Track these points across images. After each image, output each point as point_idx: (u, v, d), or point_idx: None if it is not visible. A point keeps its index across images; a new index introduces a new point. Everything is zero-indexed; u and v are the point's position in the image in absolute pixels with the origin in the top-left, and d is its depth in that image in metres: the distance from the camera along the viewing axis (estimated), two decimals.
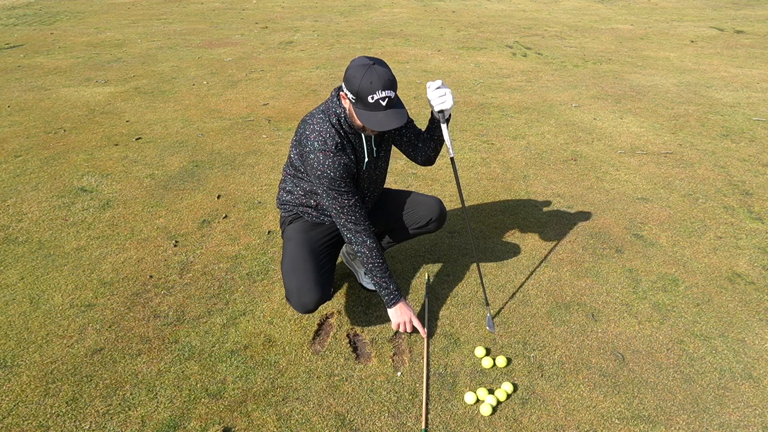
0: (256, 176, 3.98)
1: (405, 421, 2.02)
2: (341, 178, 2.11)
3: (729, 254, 3.08)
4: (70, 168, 4.07)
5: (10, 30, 9.87)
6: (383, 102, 1.92)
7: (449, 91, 2.11)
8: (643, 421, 2.03)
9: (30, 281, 2.78)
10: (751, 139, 4.73)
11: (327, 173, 2.09)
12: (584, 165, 4.21)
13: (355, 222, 2.19)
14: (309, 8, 12.60)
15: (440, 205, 2.49)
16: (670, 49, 8.43)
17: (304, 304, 2.18)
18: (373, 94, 1.90)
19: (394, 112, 1.96)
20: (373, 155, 2.27)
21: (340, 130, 2.12)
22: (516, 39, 9.17)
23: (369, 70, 1.90)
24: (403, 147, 2.39)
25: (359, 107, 1.96)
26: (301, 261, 2.26)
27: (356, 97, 1.94)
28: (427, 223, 2.49)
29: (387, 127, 1.94)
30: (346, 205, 2.16)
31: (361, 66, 1.92)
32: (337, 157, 2.09)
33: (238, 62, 7.44)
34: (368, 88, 1.90)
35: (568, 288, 2.77)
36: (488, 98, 5.88)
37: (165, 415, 2.02)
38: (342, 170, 2.10)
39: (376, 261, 2.21)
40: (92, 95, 5.91)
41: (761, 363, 2.31)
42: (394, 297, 2.24)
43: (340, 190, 2.13)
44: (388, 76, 1.93)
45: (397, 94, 2.00)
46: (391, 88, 1.93)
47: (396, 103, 1.98)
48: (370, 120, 1.95)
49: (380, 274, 2.22)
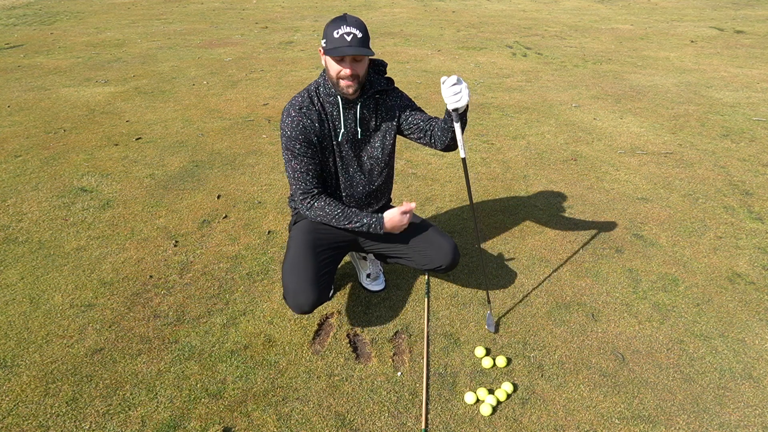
0: (256, 176, 3.98)
1: (405, 421, 2.02)
2: (296, 138, 2.12)
3: (729, 254, 3.08)
4: (70, 168, 4.07)
5: (10, 30, 9.86)
6: (348, 37, 1.95)
7: (465, 86, 2.03)
8: (643, 421, 2.03)
9: (30, 281, 2.78)
10: (751, 139, 4.73)
11: (285, 131, 2.13)
12: (584, 165, 4.21)
13: (304, 190, 2.19)
14: (309, 8, 12.60)
15: (453, 252, 2.34)
16: (670, 49, 8.43)
17: (299, 304, 2.16)
18: (339, 29, 1.96)
19: (358, 47, 1.97)
20: (357, 136, 2.24)
21: (315, 96, 2.16)
22: (516, 39, 9.17)
23: (339, 17, 2.01)
24: (414, 134, 2.31)
25: (327, 47, 1.99)
26: (301, 261, 2.23)
27: (325, 39, 1.99)
28: (436, 268, 2.36)
29: (348, 53, 1.95)
30: (297, 170, 2.16)
31: (335, 17, 2.02)
32: (297, 117, 2.12)
33: (238, 62, 7.44)
34: (334, 25, 1.98)
35: (568, 288, 2.77)
36: (488, 98, 5.88)
37: (165, 415, 2.02)
38: (299, 131, 2.11)
39: (335, 211, 2.20)
40: (92, 95, 5.91)
41: (761, 363, 2.31)
42: (376, 219, 2.21)
43: (294, 152, 2.14)
44: (356, 19, 2.00)
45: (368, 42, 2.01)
46: (356, 27, 1.97)
47: (363, 44, 1.99)
48: (333, 51, 1.97)
49: (350, 222, 2.21)
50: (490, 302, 2.55)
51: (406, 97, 2.32)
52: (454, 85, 2.01)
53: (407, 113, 2.29)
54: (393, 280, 2.80)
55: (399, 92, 2.30)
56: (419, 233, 2.39)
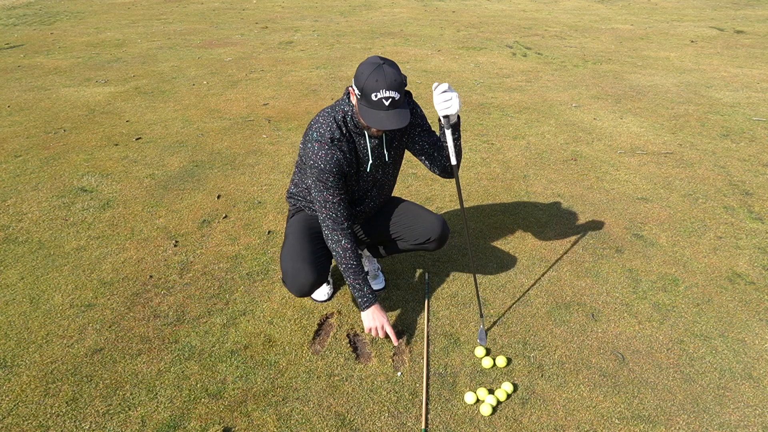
0: (256, 176, 3.98)
1: (405, 421, 2.02)
2: (330, 171, 2.10)
3: (729, 254, 3.08)
4: (70, 168, 4.07)
5: (10, 30, 9.86)
6: (386, 102, 1.91)
7: (456, 95, 2.05)
8: (643, 421, 2.03)
9: (30, 281, 2.78)
10: (751, 139, 4.73)
11: (318, 164, 2.09)
12: (584, 165, 4.21)
13: (334, 220, 2.18)
14: (309, 8, 12.60)
15: (442, 225, 2.41)
16: (670, 49, 8.43)
17: (299, 285, 2.20)
18: (377, 92, 1.89)
19: (396, 113, 1.94)
20: (384, 159, 2.25)
21: (342, 126, 2.11)
22: (516, 39, 9.17)
23: (377, 69, 1.90)
24: (417, 153, 2.35)
25: (363, 104, 1.95)
26: (299, 245, 2.29)
27: (361, 93, 1.93)
28: (425, 241, 2.43)
29: (386, 126, 1.92)
30: (329, 201, 2.15)
31: (371, 64, 1.92)
32: (331, 150, 2.09)
33: (238, 62, 7.44)
34: (373, 85, 1.89)
35: (568, 288, 2.77)
36: (488, 98, 5.88)
37: (165, 415, 2.02)
38: (332, 164, 2.09)
39: (350, 263, 2.20)
40: (92, 95, 5.91)
41: (761, 363, 2.31)
42: (367, 300, 2.22)
43: (327, 184, 2.12)
44: (395, 77, 1.91)
45: (406, 95, 1.98)
46: (396, 90, 1.91)
47: (400, 105, 1.95)
48: (370, 117, 1.94)
49: (353, 276, 2.21)
50: (482, 316, 2.49)
51: (420, 114, 2.29)
52: (444, 92, 2.04)
53: (417, 131, 2.29)
54: (393, 280, 2.80)
55: (414, 108, 2.27)
56: (408, 211, 2.48)
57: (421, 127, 2.29)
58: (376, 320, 2.22)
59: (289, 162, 4.21)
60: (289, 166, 4.14)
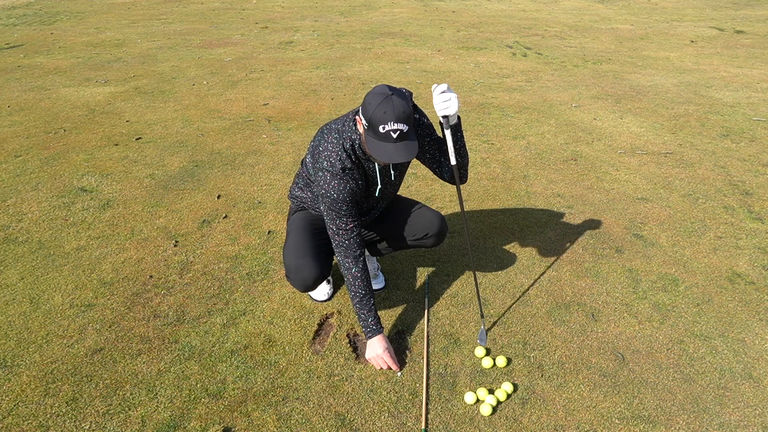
0: (256, 176, 3.98)
1: (405, 421, 2.02)
2: (343, 201, 2.09)
3: (729, 254, 3.08)
4: (70, 168, 4.07)
5: (10, 30, 9.86)
6: (394, 134, 1.88)
7: (455, 96, 2.05)
8: (643, 421, 2.03)
9: (30, 281, 2.78)
10: (751, 139, 4.73)
11: (330, 194, 2.07)
12: (584, 165, 4.21)
13: (347, 247, 2.17)
14: (309, 8, 12.60)
15: (441, 221, 2.44)
16: (670, 49, 8.43)
17: (303, 279, 2.23)
18: (385, 125, 1.87)
19: (404, 146, 1.92)
20: (391, 178, 2.26)
21: (352, 155, 2.08)
22: (516, 39, 9.17)
23: (385, 100, 1.87)
24: (428, 163, 2.36)
25: (370, 135, 1.93)
26: (301, 240, 2.32)
27: (369, 124, 1.91)
28: (424, 236, 2.45)
29: (394, 160, 1.91)
30: (342, 228, 2.14)
31: (379, 94, 1.89)
32: (343, 181, 2.07)
33: (238, 62, 7.44)
34: (381, 117, 1.86)
35: (568, 288, 2.77)
36: (488, 98, 5.88)
37: (165, 415, 2.02)
38: (345, 194, 2.08)
39: (359, 291, 2.20)
40: (92, 95, 5.91)
41: (761, 363, 2.31)
42: (370, 331, 2.23)
43: (340, 213, 2.11)
44: (403, 109, 1.88)
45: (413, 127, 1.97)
46: (404, 122, 1.88)
47: (408, 137, 1.93)
48: (377, 150, 1.92)
49: (359, 305, 2.21)
50: (483, 317, 2.49)
51: (426, 124, 2.25)
52: (443, 92, 2.04)
53: (426, 141, 2.28)
54: (393, 280, 2.81)
55: (420, 119, 2.23)
56: (406, 208, 2.51)
57: (430, 137, 2.27)
58: (375, 351, 2.22)
59: (289, 162, 4.21)
60: (289, 166, 4.14)
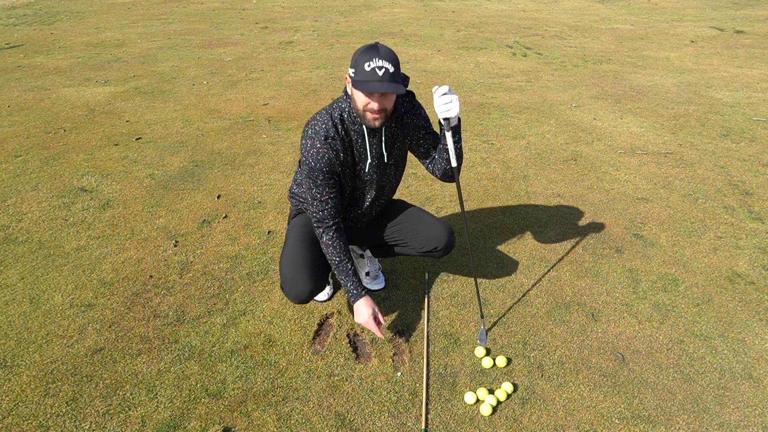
0: (256, 176, 3.98)
1: (405, 421, 2.02)
2: (320, 170, 2.08)
3: (729, 254, 3.08)
4: (70, 168, 4.07)
5: (10, 30, 9.87)
6: (380, 71, 1.86)
7: (456, 98, 2.03)
8: (643, 421, 2.03)
9: (30, 281, 2.78)
10: (751, 139, 4.73)
11: (309, 161, 2.09)
12: (584, 165, 4.21)
13: (319, 218, 2.17)
14: (309, 8, 12.60)
15: (449, 234, 2.39)
16: (670, 49, 8.43)
17: (297, 293, 2.20)
18: (370, 62, 1.86)
19: (390, 84, 1.89)
20: (384, 160, 2.22)
21: (339, 124, 2.08)
22: (516, 39, 9.17)
23: (371, 46, 1.90)
24: (421, 157, 2.33)
25: (357, 78, 1.90)
26: (298, 251, 2.27)
27: (355, 70, 1.90)
28: (432, 249, 2.40)
29: (378, 89, 1.87)
30: (316, 198, 2.14)
31: (366, 45, 1.93)
32: (323, 149, 2.07)
33: (238, 62, 7.44)
34: (366, 57, 1.87)
35: (568, 288, 2.77)
36: (488, 98, 5.88)
37: (165, 415, 2.02)
38: (323, 163, 2.07)
39: (333, 258, 2.18)
40: (92, 95, 5.91)
41: (761, 363, 2.31)
42: (352, 296, 2.20)
43: (317, 182, 2.11)
44: (388, 51, 1.90)
45: (404, 80, 1.96)
46: (390, 62, 1.88)
47: (395, 79, 1.90)
48: (363, 85, 1.89)
49: (337, 271, 2.20)
50: (483, 317, 2.49)
51: (423, 116, 2.25)
52: (444, 94, 2.02)
53: (422, 134, 2.26)
54: (393, 280, 2.80)
55: (417, 110, 2.24)
56: (414, 217, 2.45)
57: (426, 130, 2.26)
58: (363, 316, 2.17)
59: (289, 162, 4.21)
60: (289, 166, 4.14)
